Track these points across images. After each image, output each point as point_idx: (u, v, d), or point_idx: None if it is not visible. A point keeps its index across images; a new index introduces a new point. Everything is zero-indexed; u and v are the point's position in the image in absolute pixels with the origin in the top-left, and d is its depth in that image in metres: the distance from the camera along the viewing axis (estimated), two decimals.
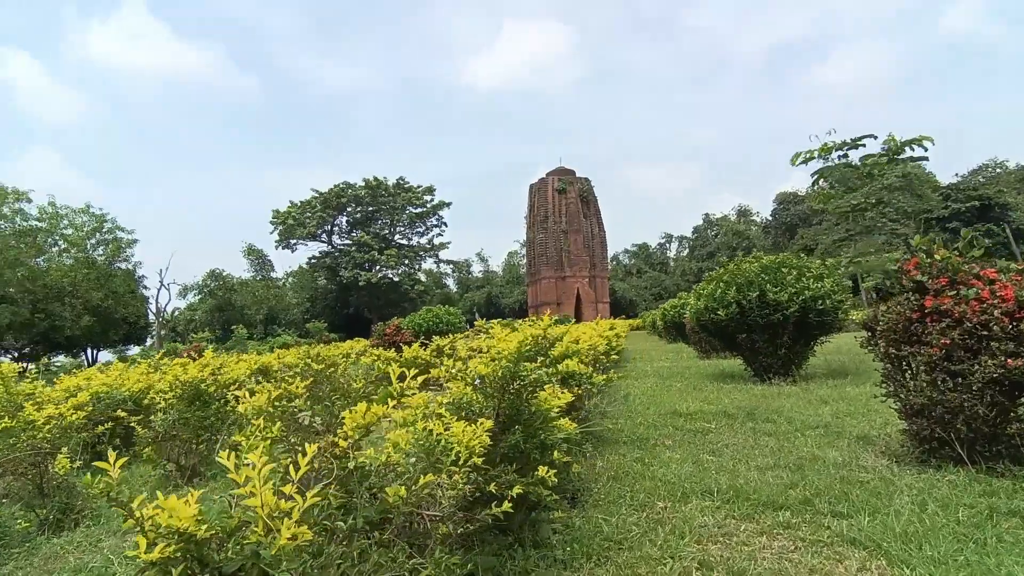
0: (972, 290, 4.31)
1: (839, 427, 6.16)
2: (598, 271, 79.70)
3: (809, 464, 4.78)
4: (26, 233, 26.93)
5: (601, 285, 79.63)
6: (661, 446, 5.72)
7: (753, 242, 71.46)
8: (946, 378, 4.27)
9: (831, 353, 13.58)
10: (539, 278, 77.28)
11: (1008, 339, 4.05)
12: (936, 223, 49.14)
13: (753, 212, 78.24)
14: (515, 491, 2.66)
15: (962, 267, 4.49)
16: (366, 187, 72.29)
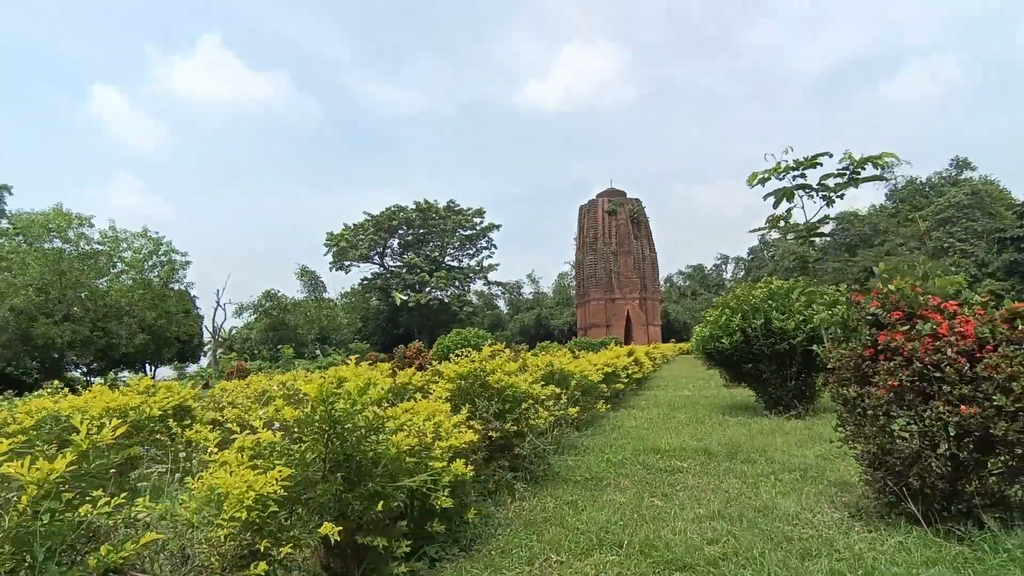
0: (928, 325, 3.83)
1: (818, 471, 5.63)
2: (649, 293, 78.11)
3: (756, 515, 4.34)
4: (89, 256, 28.82)
5: (652, 307, 77.95)
6: (613, 487, 5.35)
7: (811, 264, 68.39)
8: (895, 425, 3.79)
9: None
10: (588, 300, 76.45)
11: (962, 382, 3.55)
12: (1010, 243, 45.79)
13: None
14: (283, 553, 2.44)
15: (918, 298, 4.01)
16: (417, 210, 73.78)
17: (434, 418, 3.84)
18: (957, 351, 3.63)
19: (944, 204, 52.25)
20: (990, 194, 51.40)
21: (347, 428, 2.73)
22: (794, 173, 4.57)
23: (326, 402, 2.68)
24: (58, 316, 26.96)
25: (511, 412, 5.10)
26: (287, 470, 2.39)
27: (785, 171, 4.56)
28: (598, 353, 13.96)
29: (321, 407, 2.67)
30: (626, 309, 76.96)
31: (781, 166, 4.53)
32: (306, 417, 2.63)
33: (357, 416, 2.79)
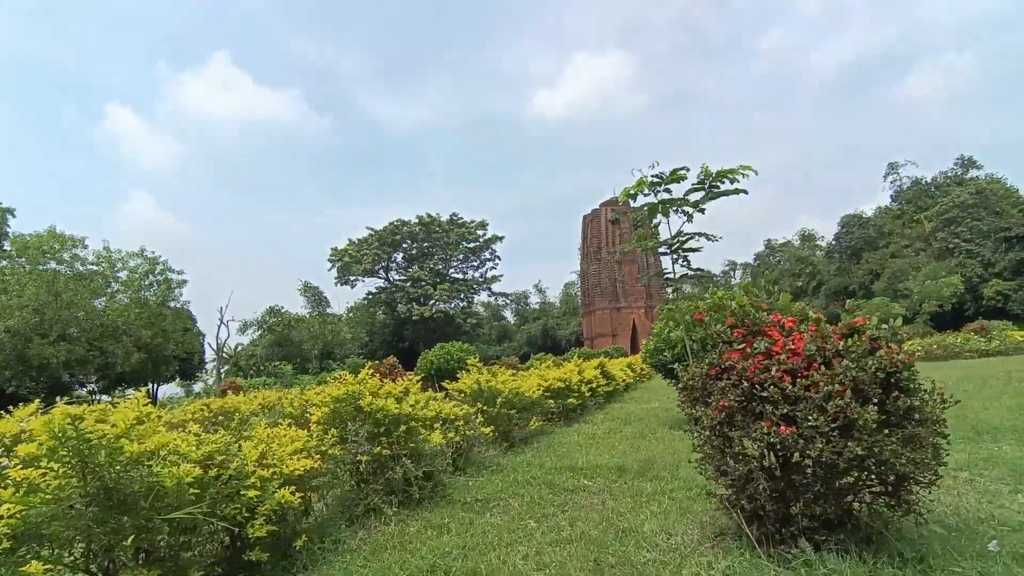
0: (762, 342, 3.75)
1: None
2: (655, 301, 77.52)
3: (615, 538, 4.26)
4: (83, 277, 29.28)
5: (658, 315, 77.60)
6: (498, 508, 5.27)
7: (817, 268, 67.70)
8: (728, 445, 3.70)
9: None
10: (593, 309, 76.14)
11: (785, 402, 3.46)
12: (1017, 241, 44.93)
13: (818, 236, 74.27)
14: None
15: (756, 315, 3.92)
16: (420, 223, 74.13)
17: (261, 446, 3.80)
18: (783, 370, 3.55)
19: (949, 204, 51.49)
20: (995, 193, 50.56)
21: (100, 463, 2.71)
22: (661, 188, 4.51)
23: (79, 436, 2.67)
24: (53, 336, 27.34)
25: (387, 435, 5.05)
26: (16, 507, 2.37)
27: (651, 186, 4.50)
28: (562, 367, 13.87)
29: (73, 441, 2.65)
30: (632, 318, 76.52)
31: (646, 181, 4.48)
32: (48, 452, 2.61)
33: (118, 451, 2.76)
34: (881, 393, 3.37)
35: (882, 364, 3.37)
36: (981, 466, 5.78)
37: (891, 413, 3.39)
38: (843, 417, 3.27)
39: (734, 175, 4.42)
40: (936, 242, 50.93)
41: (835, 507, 3.40)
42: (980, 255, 47.57)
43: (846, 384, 3.33)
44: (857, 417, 3.23)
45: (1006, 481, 5.22)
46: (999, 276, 46.80)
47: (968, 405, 9.83)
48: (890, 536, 3.43)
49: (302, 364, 60.03)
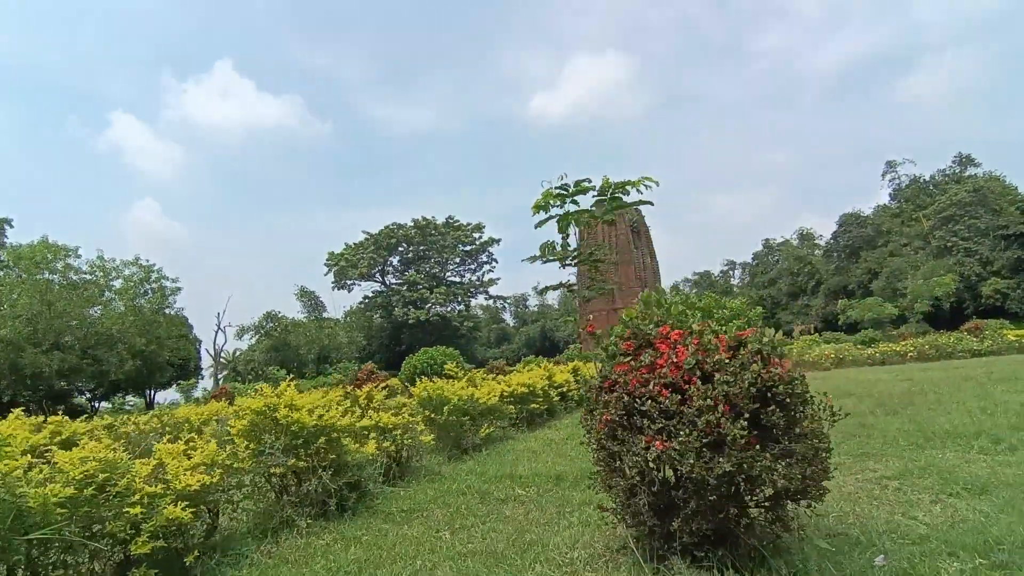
0: (646, 355, 3.73)
1: None
2: None
3: (518, 551, 4.24)
4: (76, 286, 29.44)
5: None
6: (420, 519, 5.25)
7: (816, 267, 67.48)
8: (612, 460, 3.69)
9: None
10: (590, 310, 76.13)
11: (661, 416, 3.44)
12: (1015, 239, 44.68)
13: (817, 236, 74.02)
14: None
15: (642, 326, 3.90)
16: (415, 227, 74.20)
17: (154, 462, 3.80)
18: (662, 384, 3.53)
19: (947, 202, 51.25)
20: (993, 191, 50.30)
21: None
22: (568, 199, 4.50)
23: None
24: (46, 345, 27.46)
25: (305, 447, 5.04)
26: None
27: (557, 198, 4.49)
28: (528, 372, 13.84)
29: None
30: None
31: (552, 193, 4.47)
32: None
33: None
34: (756, 408, 3.35)
35: (755, 379, 3.35)
36: (916, 474, 5.73)
37: (766, 428, 3.38)
38: (716, 432, 3.26)
39: (636, 185, 4.40)
40: (934, 240, 50.71)
41: (711, 523, 3.38)
42: (978, 253, 47.34)
43: (719, 399, 3.31)
44: (727, 433, 3.21)
45: (933, 490, 5.18)
46: (997, 274, 46.54)
47: (936, 409, 9.78)
48: (767, 553, 3.40)
49: (299, 369, 60.11)
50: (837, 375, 21.36)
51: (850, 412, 10.01)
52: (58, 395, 32.23)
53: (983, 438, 7.04)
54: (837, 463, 6.55)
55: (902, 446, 7.07)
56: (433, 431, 8.03)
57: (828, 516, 4.57)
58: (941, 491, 5.09)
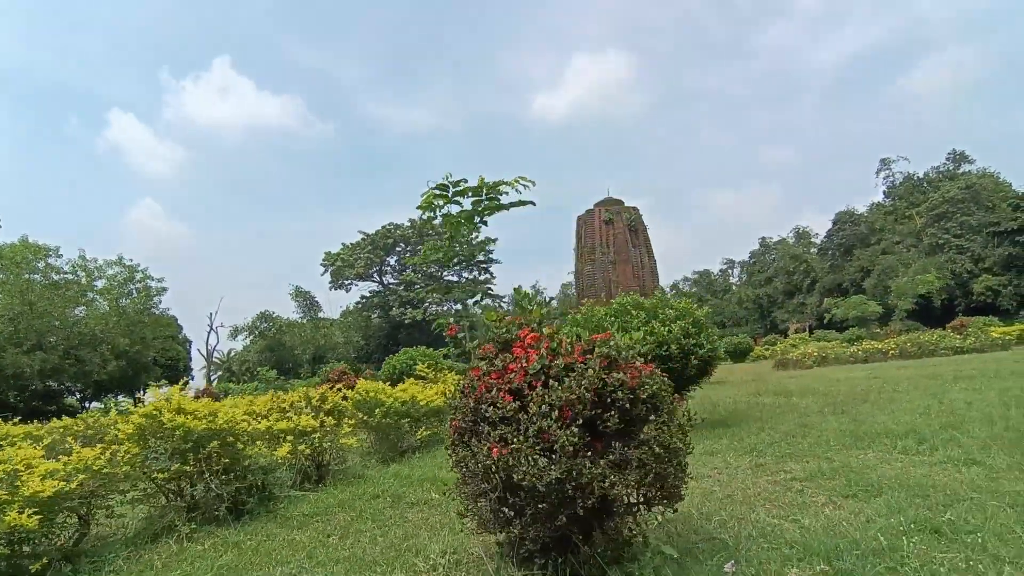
0: (498, 359, 3.68)
1: None
2: None
3: (397, 557, 4.20)
4: (58, 286, 29.46)
5: None
6: (317, 524, 5.21)
7: (811, 265, 67.28)
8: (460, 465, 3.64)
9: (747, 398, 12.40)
10: None
11: (502, 423, 3.38)
12: (1006, 236, 44.45)
13: (813, 234, 73.78)
14: None
15: (508, 331, 3.85)
16: (412, 227, 74.20)
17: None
18: (507, 389, 3.47)
19: (939, 200, 50.98)
20: (986, 187, 50.02)
21: None
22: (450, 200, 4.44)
23: None
24: (27, 345, 27.50)
25: (195, 451, 5.00)
26: None
27: (441, 199, 4.43)
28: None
29: None
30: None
31: (435, 194, 4.41)
32: None
33: None
34: (594, 414, 3.29)
35: (593, 384, 3.29)
36: (827, 476, 5.65)
37: (604, 435, 3.32)
38: (547, 439, 3.20)
39: (513, 185, 4.34)
40: (927, 238, 50.46)
41: (549, 531, 3.33)
42: (970, 250, 47.09)
43: (555, 405, 3.26)
44: (556, 439, 3.16)
45: (835, 492, 5.10)
46: (989, 271, 46.27)
47: (884, 408, 9.70)
48: (603, 562, 3.35)
49: (295, 369, 60.25)
50: (812, 374, 21.27)
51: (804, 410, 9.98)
52: (48, 395, 32.33)
53: (910, 438, 6.98)
54: (759, 464, 6.54)
55: (831, 446, 7.00)
56: (368, 433, 7.99)
57: (712, 520, 4.52)
58: (841, 493, 5.02)
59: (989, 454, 5.85)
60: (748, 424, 9.07)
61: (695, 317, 9.20)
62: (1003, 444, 6.22)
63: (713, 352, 9.10)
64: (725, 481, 5.85)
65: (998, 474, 5.17)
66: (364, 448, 7.93)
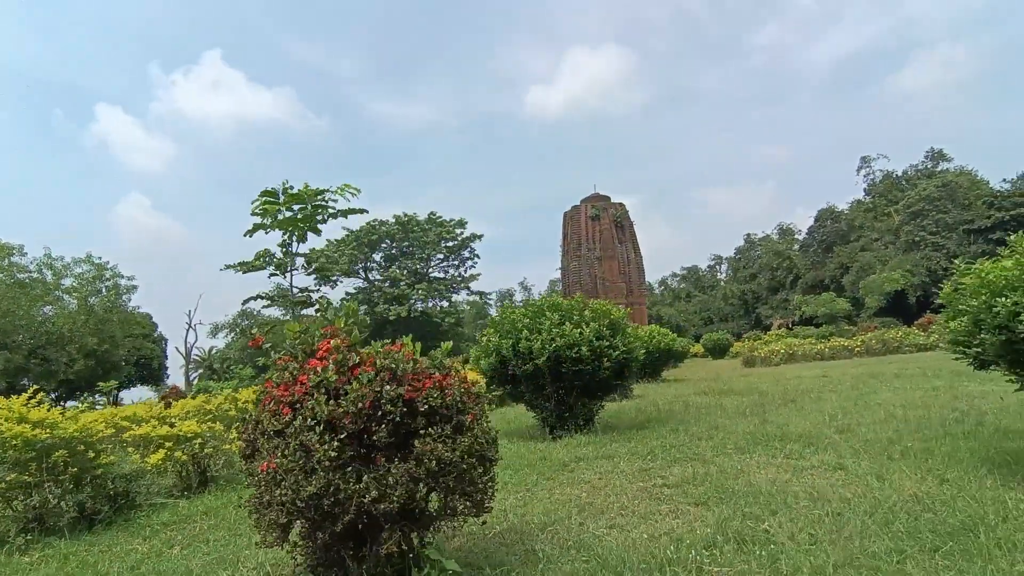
0: (286, 370, 3.62)
1: None
2: (635, 297, 77.13)
3: (212, 568, 4.15)
4: (23, 284, 29.15)
5: (639, 312, 76.92)
6: (171, 533, 5.15)
7: (794, 262, 67.41)
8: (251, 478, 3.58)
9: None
10: None
11: (276, 435, 3.33)
12: (979, 234, 44.64)
13: (796, 230, 73.91)
14: None
15: (296, 341, 3.79)
16: (397, 223, 74.08)
17: None
18: (287, 402, 3.42)
19: (915, 197, 51.13)
20: (962, 185, 50.20)
21: None
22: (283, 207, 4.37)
23: None
24: None
25: (38, 460, 4.92)
26: None
27: (272, 205, 4.36)
28: None
29: None
30: None
31: (267, 202, 4.33)
32: None
33: None
34: (362, 428, 3.24)
35: (367, 397, 3.24)
36: (697, 482, 5.61)
37: (376, 448, 3.27)
38: (307, 453, 3.15)
39: (340, 193, 4.29)
40: (903, 235, 50.60)
41: (319, 547, 3.28)
42: (945, 247, 47.21)
43: (320, 418, 3.20)
44: (315, 452, 3.11)
45: (692, 500, 5.06)
46: None
47: (805, 409, 9.70)
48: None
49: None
50: (772, 372, 21.34)
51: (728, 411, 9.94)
52: (18, 395, 32.09)
53: (801, 441, 6.98)
54: (645, 469, 6.49)
55: (725, 450, 6.98)
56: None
57: (545, 531, 4.48)
58: (696, 500, 4.99)
59: (857, 459, 5.85)
60: (666, 426, 9.05)
61: (611, 319, 9.15)
62: (876, 449, 6.22)
63: (629, 355, 9.05)
64: (599, 487, 5.81)
65: (854, 479, 5.17)
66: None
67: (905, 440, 6.53)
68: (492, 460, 3.88)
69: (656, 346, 19.43)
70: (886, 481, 5.01)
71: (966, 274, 4.92)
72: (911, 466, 5.35)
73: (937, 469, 5.16)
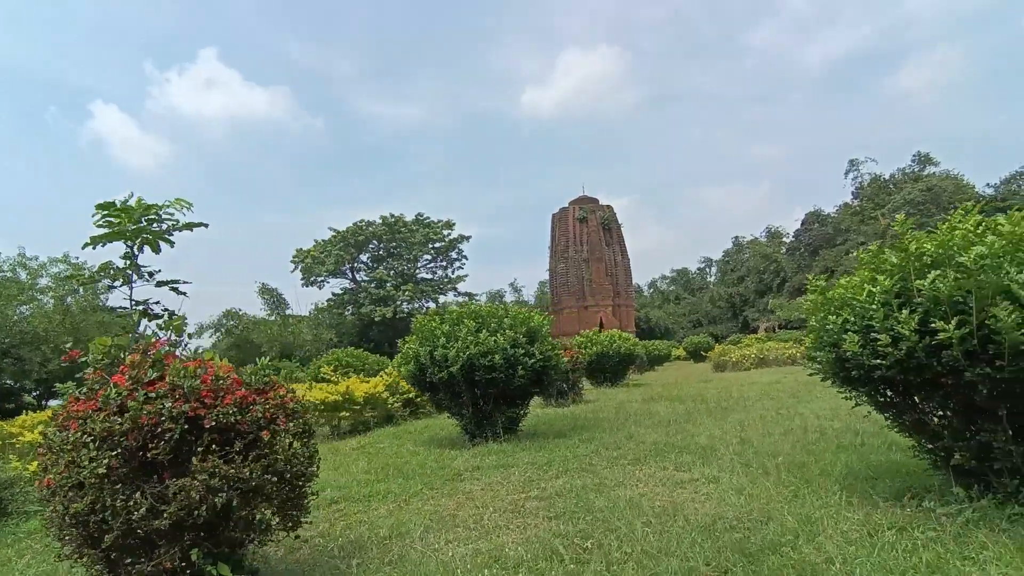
0: (86, 387, 3.62)
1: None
2: (622, 299, 77.47)
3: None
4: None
5: (626, 313, 77.26)
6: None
7: (782, 265, 67.63)
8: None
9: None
10: (561, 308, 75.90)
11: (61, 451, 3.32)
12: None
13: (785, 233, 74.12)
14: None
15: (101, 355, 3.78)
16: (383, 224, 74.04)
17: None
18: (76, 417, 3.41)
19: (900, 201, 51.42)
20: (947, 189, 50.47)
21: None
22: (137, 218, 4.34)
23: None
24: None
25: None
26: None
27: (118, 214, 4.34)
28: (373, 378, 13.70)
29: None
30: (599, 316, 76.33)
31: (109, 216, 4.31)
32: None
33: None
34: (139, 445, 3.23)
35: (140, 411, 3.23)
36: (567, 495, 5.59)
37: (154, 465, 3.26)
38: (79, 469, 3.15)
39: (175, 207, 4.27)
40: (889, 239, 50.77)
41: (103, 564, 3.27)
42: None
43: (95, 435, 3.20)
44: (83, 468, 3.10)
45: (550, 515, 5.05)
46: None
47: (727, 418, 9.70)
48: None
49: None
50: (734, 377, 21.40)
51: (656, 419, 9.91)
52: (4, 394, 32.04)
53: (698, 453, 6.99)
54: (530, 479, 6.47)
55: (622, 462, 6.97)
56: None
57: (379, 547, 4.47)
58: (552, 515, 4.97)
59: (734, 473, 5.85)
60: (586, 433, 9.05)
61: (530, 327, 9.15)
62: (758, 462, 6.22)
63: (547, 363, 9.05)
64: (474, 498, 5.79)
65: (717, 494, 5.16)
66: None
67: (794, 453, 6.53)
68: (304, 476, 3.88)
69: (616, 351, 19.47)
70: (744, 495, 5.01)
71: (813, 291, 4.94)
72: (777, 481, 5.36)
73: (795, 484, 5.16)
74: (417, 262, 77.58)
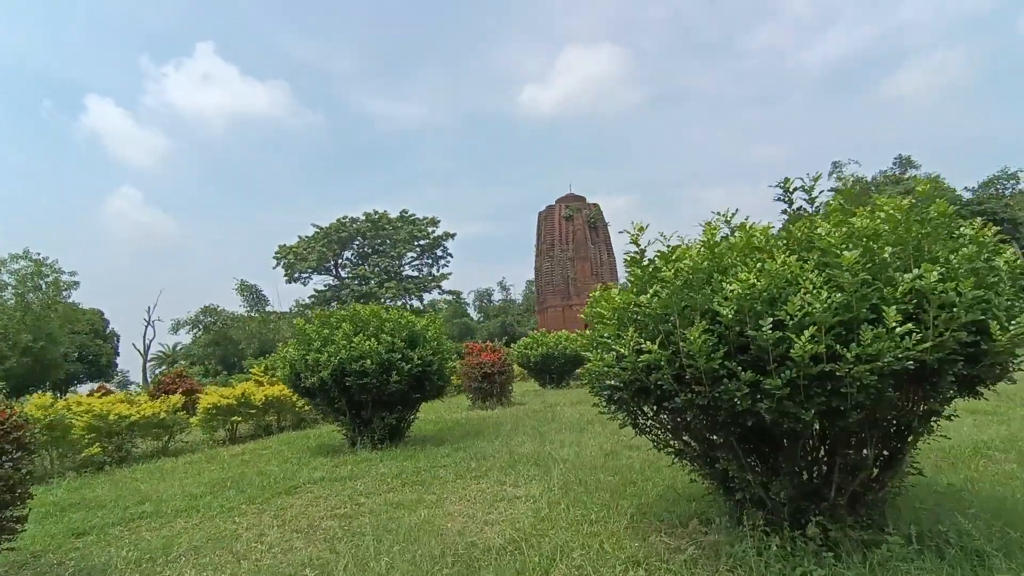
0: None
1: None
2: None
3: None
4: None
5: None
6: None
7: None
8: None
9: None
10: (546, 306, 75.63)
11: None
12: None
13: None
14: None
15: None
16: (367, 221, 73.50)
17: None
18: None
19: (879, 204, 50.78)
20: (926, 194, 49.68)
21: None
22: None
23: None
24: None
25: None
26: None
27: None
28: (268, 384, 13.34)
29: None
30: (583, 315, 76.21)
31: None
32: None
33: None
34: None
35: None
36: (369, 514, 5.34)
37: None
38: None
39: None
40: None
41: None
42: None
43: None
44: None
45: (330, 536, 4.79)
46: None
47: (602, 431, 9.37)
48: None
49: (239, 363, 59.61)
50: None
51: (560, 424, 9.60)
52: None
53: (539, 466, 6.73)
54: (367, 492, 6.20)
55: (465, 475, 6.74)
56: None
57: (128, 567, 4.21)
58: (331, 537, 4.71)
59: (551, 491, 5.58)
60: (467, 441, 8.81)
61: (412, 331, 8.88)
62: (579, 479, 5.94)
63: (428, 367, 8.77)
64: (277, 518, 5.51)
65: (519, 516, 4.89)
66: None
67: (627, 473, 6.21)
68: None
69: (562, 352, 19.23)
70: (539, 518, 4.74)
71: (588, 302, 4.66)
72: (580, 504, 5.08)
73: (596, 508, 4.89)
74: (401, 259, 77.03)
